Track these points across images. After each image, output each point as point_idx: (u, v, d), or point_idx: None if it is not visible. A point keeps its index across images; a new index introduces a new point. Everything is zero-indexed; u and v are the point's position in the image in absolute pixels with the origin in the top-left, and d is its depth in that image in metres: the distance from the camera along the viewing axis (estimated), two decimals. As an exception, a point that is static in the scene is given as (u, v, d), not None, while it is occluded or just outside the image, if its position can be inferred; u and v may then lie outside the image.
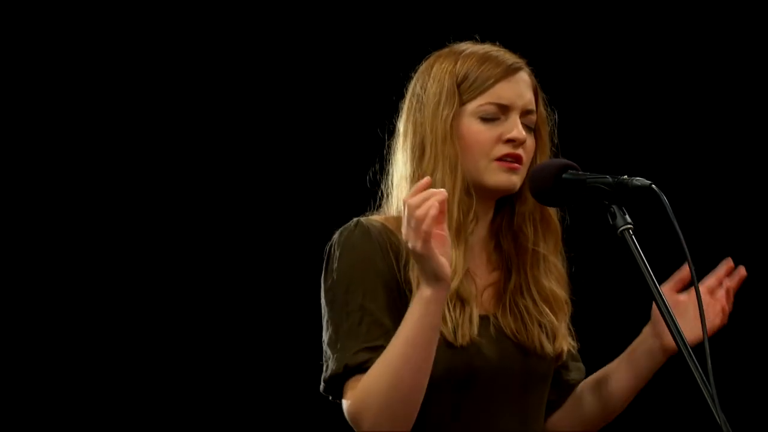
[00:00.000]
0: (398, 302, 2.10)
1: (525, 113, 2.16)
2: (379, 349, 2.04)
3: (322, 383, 2.12)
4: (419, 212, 1.93)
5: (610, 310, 4.08)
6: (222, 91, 4.13)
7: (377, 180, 2.24)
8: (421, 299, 1.98)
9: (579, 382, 2.31)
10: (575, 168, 2.04)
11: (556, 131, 2.25)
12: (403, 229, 1.96)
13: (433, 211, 1.93)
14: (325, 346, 2.12)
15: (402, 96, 2.23)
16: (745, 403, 4.04)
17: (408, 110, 2.20)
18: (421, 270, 1.97)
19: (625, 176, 1.96)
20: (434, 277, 1.97)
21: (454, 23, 2.38)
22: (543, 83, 2.28)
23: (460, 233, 2.11)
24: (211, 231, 4.15)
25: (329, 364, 2.09)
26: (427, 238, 1.93)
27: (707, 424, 1.85)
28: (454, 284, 2.09)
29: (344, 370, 2.06)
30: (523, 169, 2.15)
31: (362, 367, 2.05)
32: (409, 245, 1.95)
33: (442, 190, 1.96)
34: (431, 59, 2.21)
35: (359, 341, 2.06)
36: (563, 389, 2.28)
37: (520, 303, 2.16)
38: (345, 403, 2.07)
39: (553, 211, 2.20)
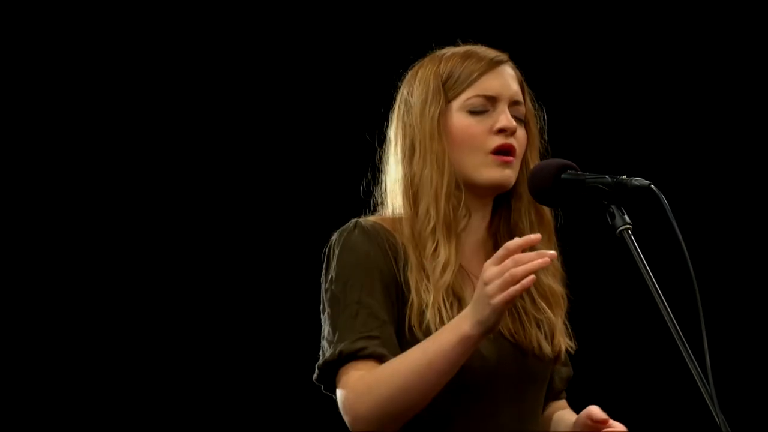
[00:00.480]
0: (396, 301, 2.10)
1: (513, 104, 2.16)
2: (375, 339, 2.05)
3: (315, 371, 2.12)
4: (519, 271, 1.91)
5: (608, 309, 4.08)
6: (222, 98, 4.13)
7: (371, 189, 2.25)
8: (461, 335, 1.97)
9: (562, 390, 2.30)
10: (574, 168, 2.04)
11: (545, 127, 2.24)
12: (491, 270, 1.93)
13: (527, 282, 1.91)
14: (323, 341, 2.12)
15: (390, 106, 2.24)
16: (745, 403, 4.04)
17: (397, 116, 2.21)
18: (483, 316, 1.95)
19: (624, 176, 1.96)
20: (490, 328, 1.96)
21: (448, 29, 2.38)
22: (541, 83, 2.28)
23: (450, 228, 2.11)
24: (210, 234, 4.15)
25: (324, 354, 2.10)
26: (511, 301, 1.92)
27: (706, 424, 1.85)
28: (448, 278, 2.09)
29: (339, 356, 2.06)
30: (517, 162, 2.15)
31: (357, 354, 2.05)
32: (488, 290, 1.93)
33: (552, 253, 1.94)
34: (416, 66, 2.22)
35: (355, 331, 2.06)
36: (547, 393, 2.27)
37: (518, 303, 2.16)
38: (339, 391, 2.07)
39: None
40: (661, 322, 1.87)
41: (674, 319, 1.86)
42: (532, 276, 1.91)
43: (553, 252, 1.95)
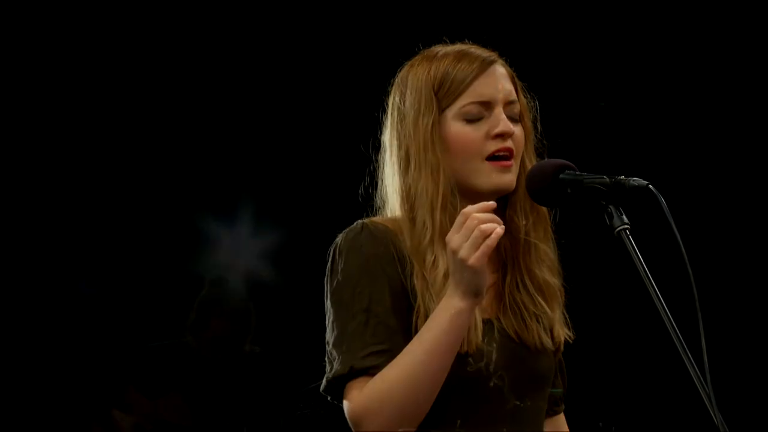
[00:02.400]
0: (404, 306, 2.09)
1: (507, 104, 2.14)
2: (385, 353, 2.03)
3: (324, 382, 2.10)
4: (486, 226, 1.93)
5: (606, 309, 4.09)
6: (226, 100, 4.15)
7: (369, 193, 2.24)
8: (453, 310, 1.98)
9: (557, 398, 2.30)
10: (572, 168, 2.03)
11: (538, 118, 2.24)
12: (456, 238, 1.95)
13: (500, 230, 1.93)
14: (329, 347, 2.10)
15: (383, 107, 2.22)
16: (743, 403, 4.05)
17: (390, 123, 2.19)
18: (465, 282, 1.96)
19: (623, 176, 1.96)
20: (476, 291, 1.97)
21: (447, 25, 2.37)
22: (540, 84, 2.28)
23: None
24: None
25: (334, 365, 2.08)
26: (487, 252, 1.93)
27: (704, 423, 1.86)
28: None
29: (349, 371, 2.05)
30: (516, 162, 2.14)
31: (368, 371, 2.03)
32: (461, 255, 1.94)
33: (499, 224, 1.96)
34: (405, 69, 2.20)
35: (365, 344, 2.05)
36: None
37: (517, 298, 2.16)
38: (348, 404, 2.05)
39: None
40: (660, 321, 1.88)
41: (672, 319, 1.86)
42: (502, 227, 1.93)
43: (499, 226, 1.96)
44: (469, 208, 1.96)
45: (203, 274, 4.42)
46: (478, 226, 1.93)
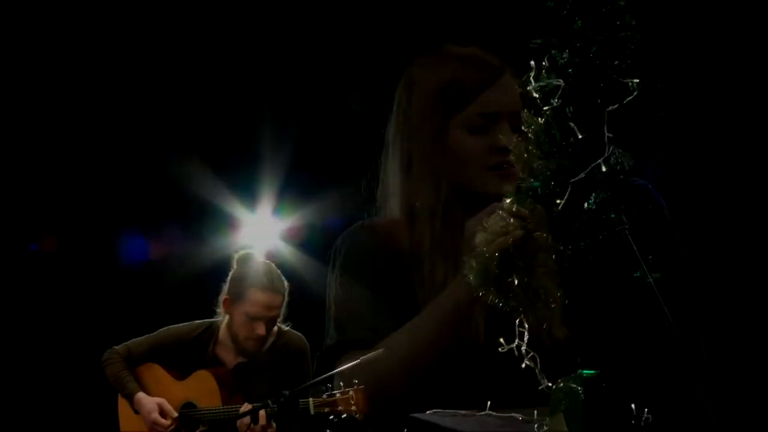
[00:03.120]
0: (400, 303, 2.10)
1: (513, 116, 2.13)
2: (375, 330, 2.04)
3: (314, 362, 2.12)
4: (508, 224, 1.91)
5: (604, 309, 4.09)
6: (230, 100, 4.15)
7: (371, 187, 2.24)
8: (457, 303, 1.97)
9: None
10: (572, 168, 2.03)
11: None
12: (476, 224, 1.91)
13: (520, 232, 1.91)
14: (326, 339, 2.12)
15: (389, 101, 2.21)
16: (743, 403, 4.05)
17: (396, 123, 2.18)
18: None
19: (621, 176, 1.96)
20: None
21: (450, 23, 2.36)
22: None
23: (446, 247, 2.10)
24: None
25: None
26: (500, 246, 1.90)
27: (703, 423, 1.86)
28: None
29: (337, 344, 2.07)
30: (518, 170, 2.14)
31: (358, 344, 2.05)
32: (475, 241, 1.91)
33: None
34: (414, 68, 2.18)
35: (355, 323, 2.07)
36: None
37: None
38: (337, 375, 2.07)
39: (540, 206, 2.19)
40: (658, 321, 1.88)
41: (671, 319, 1.87)
42: (523, 230, 1.91)
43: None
44: (504, 203, 1.95)
45: (230, 252, 4.43)
46: (502, 221, 1.92)
